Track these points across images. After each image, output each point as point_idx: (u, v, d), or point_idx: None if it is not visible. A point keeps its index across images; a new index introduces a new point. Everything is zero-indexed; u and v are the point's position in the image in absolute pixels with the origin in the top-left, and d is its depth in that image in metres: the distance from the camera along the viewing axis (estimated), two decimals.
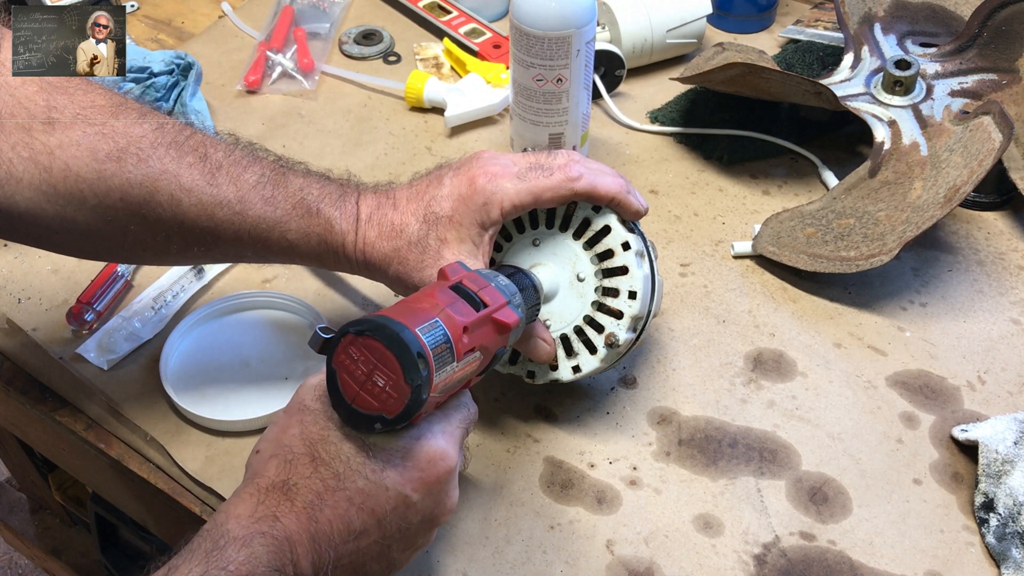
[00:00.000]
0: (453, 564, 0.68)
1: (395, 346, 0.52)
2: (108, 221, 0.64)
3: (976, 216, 0.93)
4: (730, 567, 0.68)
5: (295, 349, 0.81)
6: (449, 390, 0.58)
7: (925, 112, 0.93)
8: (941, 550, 0.69)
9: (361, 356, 0.53)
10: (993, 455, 0.71)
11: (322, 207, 0.69)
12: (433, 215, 0.69)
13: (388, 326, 0.53)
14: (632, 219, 0.71)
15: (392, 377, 0.52)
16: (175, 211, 0.65)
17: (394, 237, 0.69)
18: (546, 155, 0.70)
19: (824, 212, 0.89)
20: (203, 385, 0.78)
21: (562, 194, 0.69)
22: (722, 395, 0.79)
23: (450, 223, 0.68)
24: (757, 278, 0.88)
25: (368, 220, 0.70)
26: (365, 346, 0.53)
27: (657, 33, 1.06)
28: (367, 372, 0.53)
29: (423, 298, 0.58)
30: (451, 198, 0.69)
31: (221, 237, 0.67)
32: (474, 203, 0.68)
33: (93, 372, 0.80)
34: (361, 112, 1.05)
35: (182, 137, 0.66)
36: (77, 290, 0.85)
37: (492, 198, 0.68)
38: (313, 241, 0.69)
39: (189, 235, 0.67)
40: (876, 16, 1.02)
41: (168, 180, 0.64)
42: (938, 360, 0.81)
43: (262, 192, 0.67)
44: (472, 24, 1.14)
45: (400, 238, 0.69)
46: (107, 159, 0.62)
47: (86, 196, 0.63)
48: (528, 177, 0.68)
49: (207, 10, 1.21)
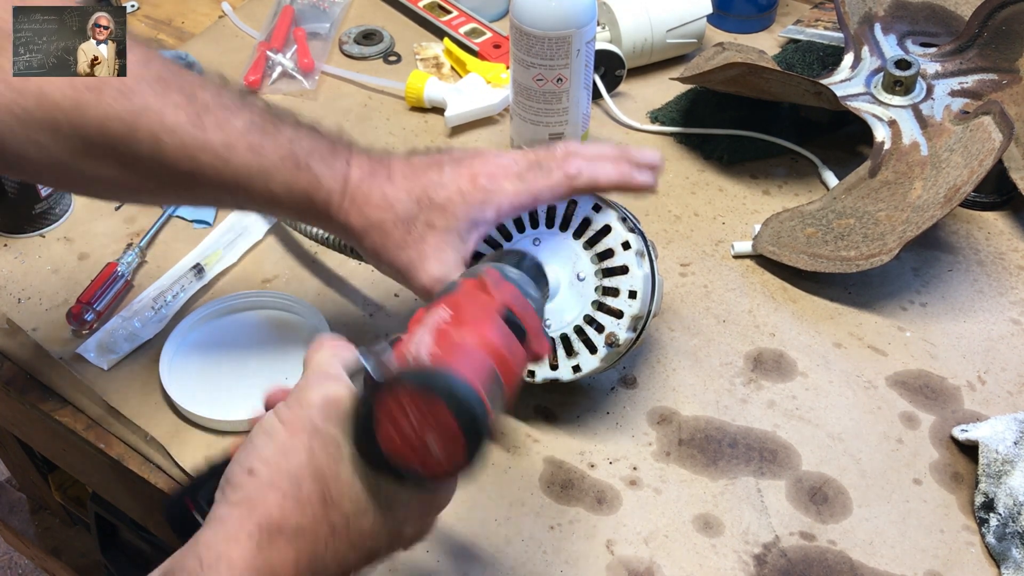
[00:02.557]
0: (453, 564, 0.68)
1: (466, 424, 0.47)
2: (83, 153, 0.61)
3: (976, 216, 0.93)
4: (730, 567, 0.68)
5: (295, 349, 0.81)
6: None
7: (925, 112, 0.93)
8: (941, 550, 0.69)
9: (417, 413, 0.47)
10: (993, 455, 0.71)
11: (312, 162, 0.66)
12: (428, 199, 0.67)
13: (460, 394, 0.47)
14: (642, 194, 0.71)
15: (450, 448, 0.47)
16: (155, 150, 0.62)
17: (382, 209, 0.67)
18: (545, 151, 0.70)
19: (824, 212, 0.89)
20: (203, 385, 0.78)
21: (561, 193, 0.69)
22: (722, 395, 0.79)
23: (443, 212, 0.67)
24: (757, 278, 0.88)
25: (359, 184, 0.67)
26: (426, 404, 0.47)
27: (657, 33, 1.05)
28: (419, 431, 0.47)
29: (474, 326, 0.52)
30: (449, 188, 0.67)
31: (201, 182, 0.64)
32: (472, 199, 0.67)
33: (93, 372, 0.80)
34: (361, 112, 1.05)
35: (169, 74, 0.63)
36: (77, 290, 0.85)
37: (490, 198, 0.67)
38: (297, 196, 0.66)
39: (168, 176, 0.64)
40: (876, 16, 1.02)
41: (150, 117, 0.61)
42: (938, 360, 0.81)
43: (249, 139, 0.64)
44: (472, 24, 1.14)
45: (388, 211, 0.67)
46: (85, 88, 0.59)
47: (60, 124, 0.59)
48: (527, 178, 0.68)
49: (207, 10, 1.21)
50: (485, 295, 0.56)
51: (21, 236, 0.91)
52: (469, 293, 0.56)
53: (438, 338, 0.51)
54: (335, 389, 0.51)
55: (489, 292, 0.56)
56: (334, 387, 0.52)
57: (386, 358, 0.52)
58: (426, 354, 0.50)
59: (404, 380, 0.47)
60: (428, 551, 0.69)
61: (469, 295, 0.56)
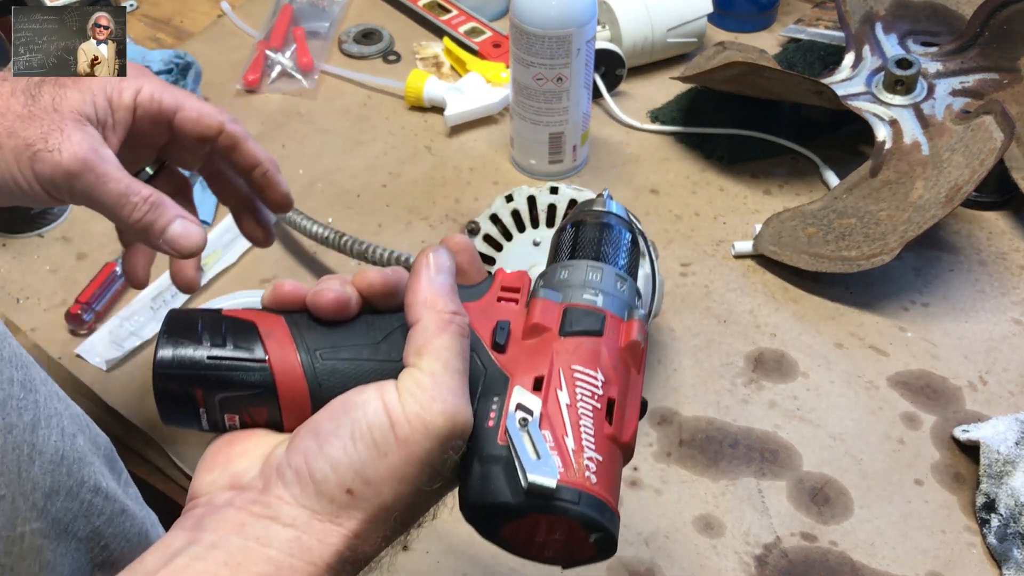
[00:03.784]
0: (453, 564, 0.68)
1: (603, 551, 0.43)
2: None
3: (978, 216, 0.93)
4: (731, 568, 0.68)
5: None
6: None
7: (926, 111, 0.93)
8: (942, 551, 0.69)
9: (558, 534, 0.42)
10: (994, 455, 0.71)
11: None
12: (41, 81, 0.56)
13: (610, 532, 0.42)
14: (278, 208, 0.65)
15: (573, 559, 0.43)
16: None
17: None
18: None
19: (825, 212, 0.89)
20: None
21: (209, 123, 0.60)
22: (723, 395, 0.78)
23: (74, 83, 0.56)
24: (758, 278, 0.88)
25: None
26: (572, 531, 0.42)
27: (658, 32, 1.05)
28: (550, 544, 0.43)
29: (631, 422, 0.44)
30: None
31: None
32: (110, 78, 0.57)
33: (92, 372, 0.80)
34: (361, 111, 1.05)
35: None
36: (75, 290, 0.85)
37: (127, 83, 0.57)
38: None
39: None
40: (877, 15, 1.02)
41: None
42: (940, 360, 0.81)
43: None
44: (472, 23, 1.14)
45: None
46: None
47: None
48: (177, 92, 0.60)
49: (206, 9, 1.21)
50: (632, 357, 0.45)
51: (19, 236, 0.91)
52: (616, 347, 0.45)
53: (599, 446, 0.42)
54: (462, 416, 0.42)
55: (637, 352, 0.46)
56: (462, 412, 0.42)
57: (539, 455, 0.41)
58: (591, 477, 0.42)
59: (566, 513, 0.41)
60: (428, 551, 0.68)
61: (618, 353, 0.45)
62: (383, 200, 0.95)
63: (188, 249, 0.57)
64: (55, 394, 0.56)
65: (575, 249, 0.49)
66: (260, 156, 0.62)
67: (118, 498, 0.59)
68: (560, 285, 0.47)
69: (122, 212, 0.55)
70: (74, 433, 0.56)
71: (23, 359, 0.54)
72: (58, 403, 0.56)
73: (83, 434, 0.57)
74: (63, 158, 0.53)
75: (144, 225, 0.56)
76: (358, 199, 0.95)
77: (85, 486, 0.56)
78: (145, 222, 0.56)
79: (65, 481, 0.55)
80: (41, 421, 0.54)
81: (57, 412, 0.55)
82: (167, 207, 0.56)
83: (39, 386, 0.54)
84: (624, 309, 0.46)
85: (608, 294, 0.46)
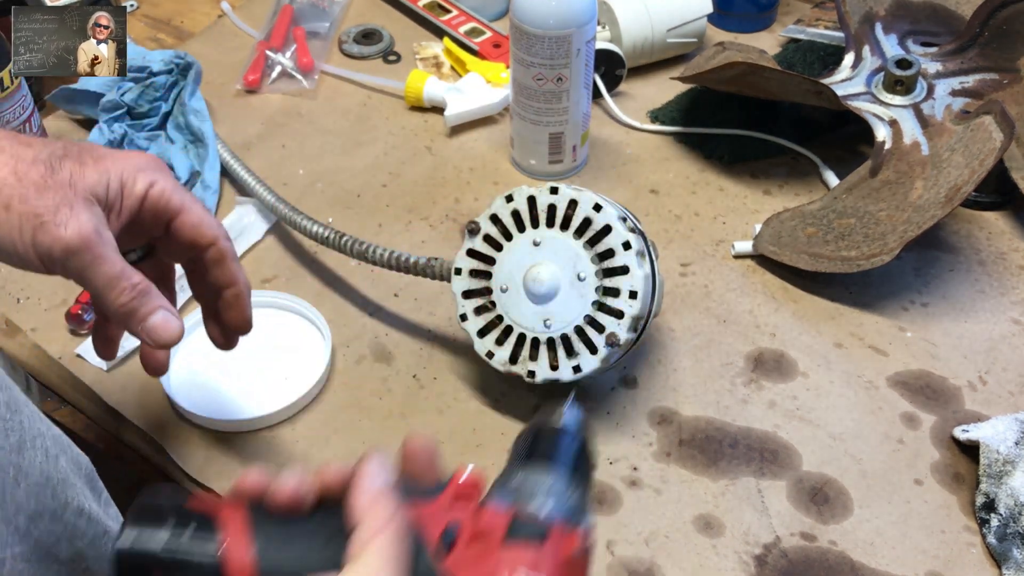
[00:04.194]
0: None
1: None
2: None
3: (977, 216, 0.93)
4: (731, 568, 0.68)
5: (295, 349, 0.81)
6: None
7: (926, 111, 0.93)
8: (942, 551, 0.69)
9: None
10: (994, 455, 0.71)
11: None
12: (65, 150, 0.57)
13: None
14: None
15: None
16: None
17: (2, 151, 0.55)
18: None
19: (825, 212, 0.89)
20: (203, 385, 0.78)
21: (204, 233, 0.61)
22: (723, 395, 0.78)
23: (94, 162, 0.57)
24: (758, 278, 0.88)
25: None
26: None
27: (657, 32, 1.05)
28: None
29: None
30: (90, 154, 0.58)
31: None
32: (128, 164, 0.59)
33: (92, 372, 0.80)
34: (361, 111, 1.05)
35: None
36: (76, 290, 0.85)
37: (142, 174, 0.59)
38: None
39: None
40: (877, 15, 1.02)
41: None
42: (939, 360, 0.81)
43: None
44: (472, 23, 1.14)
45: (15, 153, 0.55)
46: None
47: None
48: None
49: (206, 9, 1.21)
50: (573, 567, 0.47)
51: None
52: (558, 555, 0.46)
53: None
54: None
55: (578, 562, 0.47)
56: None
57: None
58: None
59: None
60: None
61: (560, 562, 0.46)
62: (383, 200, 0.95)
63: (164, 341, 0.58)
64: (37, 415, 0.56)
65: (530, 455, 0.50)
66: (239, 278, 0.64)
67: (100, 519, 0.59)
68: (511, 491, 0.48)
69: (109, 295, 0.56)
70: (57, 454, 0.56)
71: (4, 380, 0.54)
72: (41, 424, 0.56)
73: (65, 455, 0.58)
74: (67, 234, 0.54)
75: (127, 311, 0.57)
76: (358, 199, 0.95)
77: (69, 508, 0.56)
78: (129, 308, 0.56)
79: (49, 503, 0.55)
80: (27, 442, 0.54)
81: (41, 433, 0.55)
82: (152, 297, 0.57)
83: (23, 407, 0.55)
84: (572, 516, 0.47)
85: (557, 501, 0.47)
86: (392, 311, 0.85)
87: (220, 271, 0.63)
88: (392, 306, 0.85)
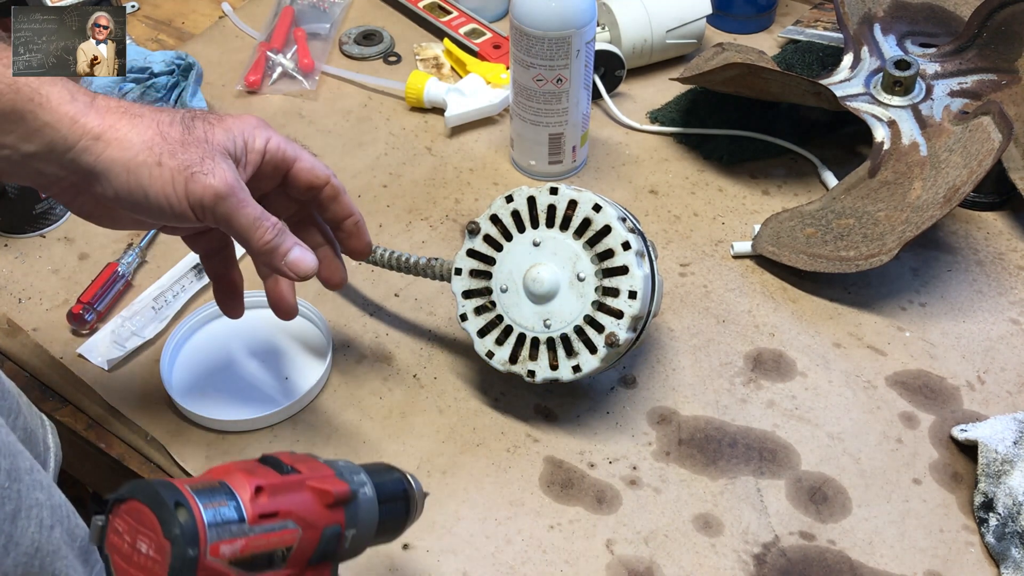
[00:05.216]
0: (453, 564, 0.68)
1: (149, 498, 0.44)
2: None
3: (975, 216, 0.93)
4: (730, 567, 0.68)
5: (295, 349, 0.81)
6: (257, 567, 0.47)
7: (925, 112, 0.93)
8: (941, 550, 0.69)
9: (126, 527, 0.45)
10: (992, 455, 0.71)
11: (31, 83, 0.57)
12: (192, 113, 0.62)
13: (146, 483, 0.45)
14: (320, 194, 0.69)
15: (152, 536, 0.44)
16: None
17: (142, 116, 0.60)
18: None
19: (824, 212, 0.89)
20: (203, 385, 0.78)
21: (319, 175, 0.68)
22: (722, 395, 0.79)
23: (219, 121, 0.63)
24: (757, 278, 0.88)
25: (101, 100, 0.60)
26: (128, 512, 0.45)
27: (657, 33, 1.06)
28: (132, 542, 0.45)
29: (214, 470, 0.50)
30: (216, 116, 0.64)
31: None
32: (246, 123, 0.65)
33: (94, 372, 0.80)
34: (361, 112, 1.05)
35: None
36: (77, 290, 0.85)
37: (259, 132, 0.65)
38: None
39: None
40: (876, 16, 1.02)
41: None
42: (938, 360, 0.81)
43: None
44: (472, 24, 1.14)
45: (154, 118, 0.60)
46: None
47: None
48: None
49: (207, 10, 1.21)
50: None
51: (21, 236, 0.91)
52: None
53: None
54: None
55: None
56: None
57: None
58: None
59: (108, 501, 0.46)
60: (428, 551, 0.69)
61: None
62: (384, 200, 0.95)
63: (304, 272, 0.64)
64: (39, 484, 0.57)
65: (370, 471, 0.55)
66: (353, 208, 0.70)
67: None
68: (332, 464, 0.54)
69: (254, 234, 0.62)
70: (52, 525, 0.57)
71: (12, 447, 0.56)
72: (40, 493, 0.57)
73: (61, 526, 0.58)
74: (215, 182, 0.59)
75: (271, 248, 0.63)
76: (359, 199, 0.95)
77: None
78: (272, 245, 0.63)
79: (37, 573, 0.56)
80: (21, 512, 0.55)
81: (38, 503, 0.56)
82: (288, 234, 0.64)
83: (23, 475, 0.56)
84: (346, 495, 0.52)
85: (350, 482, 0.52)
86: (392, 311, 0.85)
87: (337, 205, 0.70)
88: (392, 306, 0.86)
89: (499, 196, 0.73)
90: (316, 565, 0.50)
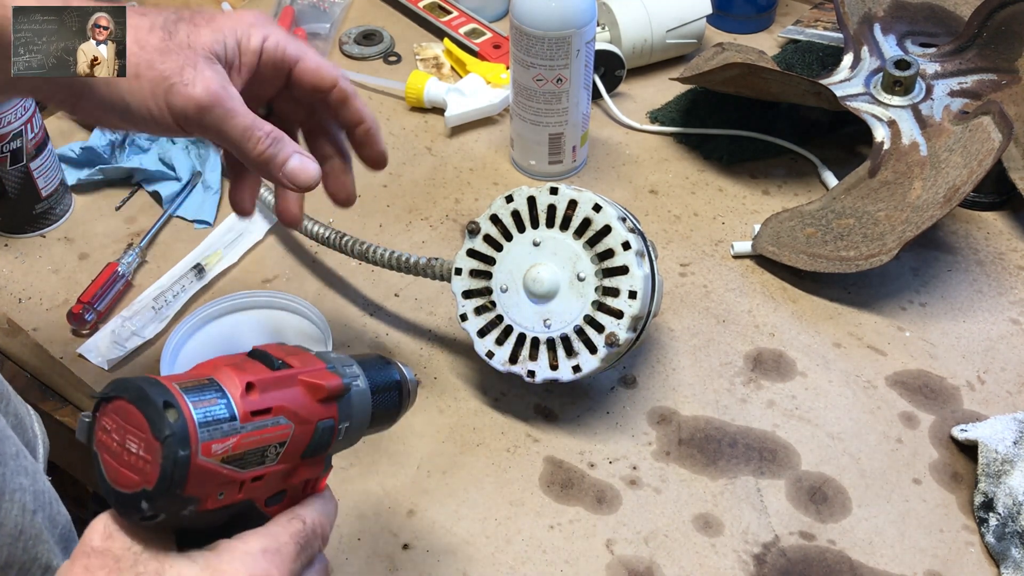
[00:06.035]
0: (453, 564, 0.68)
1: (137, 398, 0.43)
2: None
3: (975, 216, 0.93)
4: (730, 567, 0.68)
5: None
6: (249, 464, 0.46)
7: (925, 112, 0.93)
8: (941, 550, 0.69)
9: (114, 425, 0.44)
10: (992, 455, 0.71)
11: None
12: (178, 15, 0.58)
13: (133, 381, 0.44)
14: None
15: (142, 436, 0.43)
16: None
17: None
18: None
19: (824, 212, 0.89)
20: None
21: (325, 75, 0.63)
22: (722, 395, 0.79)
23: (207, 22, 0.58)
24: (757, 278, 0.88)
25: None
26: (115, 411, 0.44)
27: (657, 33, 1.06)
28: (120, 440, 0.44)
29: (201, 365, 0.48)
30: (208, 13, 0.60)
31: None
32: (240, 21, 0.60)
33: (94, 372, 0.80)
34: None
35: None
36: (77, 290, 0.85)
37: (255, 29, 0.60)
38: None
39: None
40: (876, 16, 1.02)
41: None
42: (938, 360, 0.81)
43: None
44: (472, 24, 1.14)
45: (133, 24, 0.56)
46: None
47: None
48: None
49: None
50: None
51: (21, 236, 0.91)
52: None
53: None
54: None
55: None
56: None
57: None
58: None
59: (97, 399, 0.45)
60: (428, 551, 0.69)
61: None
62: (384, 200, 0.95)
63: (305, 182, 0.60)
64: (24, 469, 0.57)
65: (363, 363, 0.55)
66: (365, 114, 0.65)
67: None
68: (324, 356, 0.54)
69: (247, 145, 0.58)
70: (34, 510, 0.57)
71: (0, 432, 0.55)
72: (24, 478, 0.57)
73: (43, 511, 0.58)
74: (196, 91, 0.55)
75: (266, 158, 0.58)
76: (359, 199, 0.95)
77: (37, 563, 0.56)
78: (267, 155, 0.58)
79: (20, 556, 0.56)
80: (5, 495, 0.55)
81: (22, 487, 0.56)
82: (286, 143, 0.59)
83: (8, 460, 0.55)
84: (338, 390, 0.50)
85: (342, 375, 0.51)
86: (392, 311, 0.85)
87: (347, 111, 0.65)
88: (392, 306, 0.86)
89: (499, 196, 0.73)
90: (309, 458, 0.49)
